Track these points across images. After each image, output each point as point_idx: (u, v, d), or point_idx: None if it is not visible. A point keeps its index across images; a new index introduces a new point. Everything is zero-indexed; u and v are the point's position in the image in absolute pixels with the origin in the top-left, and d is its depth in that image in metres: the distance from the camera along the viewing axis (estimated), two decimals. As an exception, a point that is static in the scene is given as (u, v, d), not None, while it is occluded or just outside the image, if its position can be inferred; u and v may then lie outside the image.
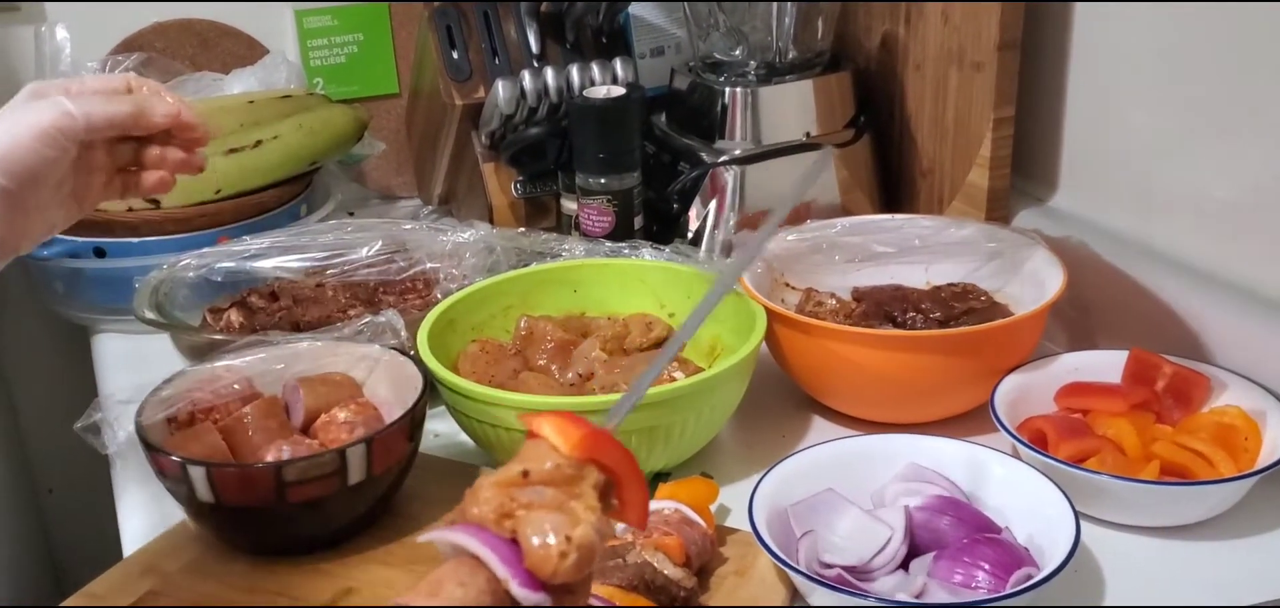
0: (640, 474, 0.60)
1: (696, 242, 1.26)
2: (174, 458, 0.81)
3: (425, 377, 0.93)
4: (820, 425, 1.06)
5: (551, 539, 0.53)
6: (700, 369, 0.98)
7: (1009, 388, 0.99)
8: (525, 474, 0.56)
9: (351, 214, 1.47)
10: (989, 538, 0.82)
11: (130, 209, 1.23)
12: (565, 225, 1.32)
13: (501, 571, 0.54)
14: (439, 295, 1.12)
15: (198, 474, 0.80)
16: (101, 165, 0.88)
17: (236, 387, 0.91)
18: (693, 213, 1.26)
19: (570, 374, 1.03)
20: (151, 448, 0.83)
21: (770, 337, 1.01)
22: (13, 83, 1.46)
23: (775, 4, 1.23)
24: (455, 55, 1.33)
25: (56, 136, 0.80)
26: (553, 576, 0.54)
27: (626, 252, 1.16)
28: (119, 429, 0.92)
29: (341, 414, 0.89)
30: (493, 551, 0.54)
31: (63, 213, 0.86)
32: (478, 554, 0.54)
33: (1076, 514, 0.81)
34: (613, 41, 1.37)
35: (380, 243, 1.20)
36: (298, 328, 1.10)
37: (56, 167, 0.81)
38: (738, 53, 1.27)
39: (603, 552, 0.57)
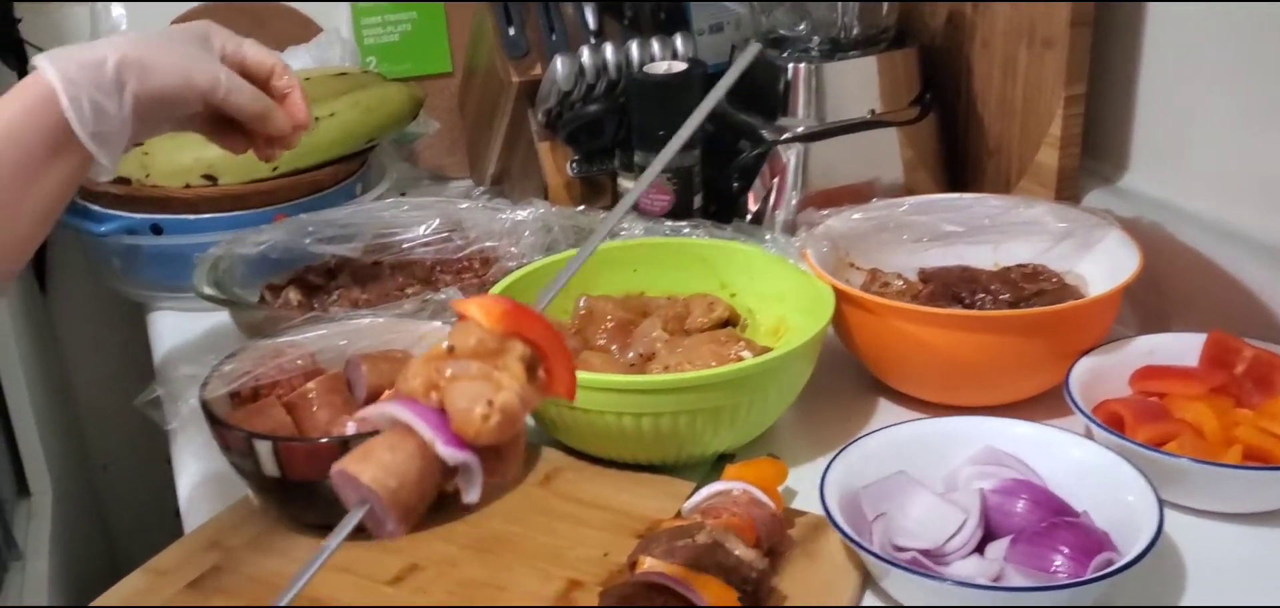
0: (565, 348, 0.62)
1: (757, 221, 1.24)
2: (240, 432, 0.81)
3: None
4: (886, 407, 1.04)
5: (475, 405, 0.57)
6: (766, 349, 0.97)
7: (1083, 370, 0.96)
8: (451, 349, 0.59)
9: (403, 193, 1.45)
10: (1067, 521, 0.80)
11: (187, 186, 1.22)
12: (622, 204, 1.30)
13: (428, 433, 0.57)
14: (497, 275, 1.11)
15: (264, 449, 0.80)
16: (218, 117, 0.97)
17: (299, 362, 0.91)
18: (753, 192, 1.24)
19: (631, 354, 1.02)
20: (217, 422, 0.83)
21: (836, 316, 0.99)
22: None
23: (841, -22, 1.21)
24: (512, 32, 1.32)
25: (195, 94, 0.90)
26: (477, 436, 0.57)
27: (687, 231, 1.15)
28: (180, 403, 0.91)
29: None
30: (420, 417, 0.58)
31: (165, 128, 0.96)
32: (406, 421, 0.58)
33: (1159, 498, 0.79)
34: (671, 18, 1.35)
35: (437, 221, 1.19)
36: (356, 306, 1.09)
37: (182, 107, 0.92)
38: (801, 28, 1.25)
39: (521, 416, 0.59)
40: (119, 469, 1.75)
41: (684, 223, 1.16)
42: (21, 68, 1.40)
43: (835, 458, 0.84)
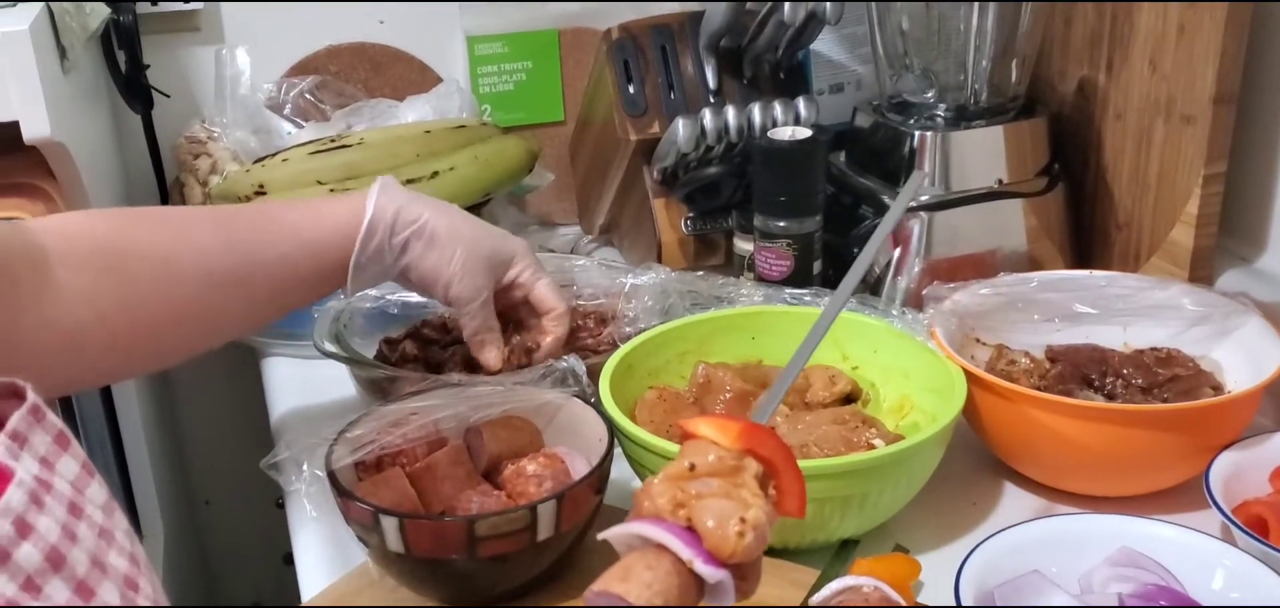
0: (795, 464, 0.64)
1: (876, 290, 1.21)
2: (366, 506, 0.80)
3: (610, 428, 0.91)
4: (1012, 492, 1.01)
5: (728, 522, 0.58)
6: (897, 434, 0.94)
7: (1223, 466, 0.93)
8: (691, 467, 0.61)
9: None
10: (1211, 635, 0.77)
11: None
12: (737, 265, 1.29)
13: (686, 552, 0.58)
14: (614, 335, 1.10)
15: (390, 525, 0.79)
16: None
17: (423, 431, 0.90)
18: (874, 260, 1.22)
19: (750, 426, 1.00)
20: (343, 492, 0.82)
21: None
22: (191, 103, 1.49)
23: (971, 46, 1.18)
24: (632, 89, 1.31)
25: (499, 273, 1.05)
26: (732, 555, 0.58)
27: (808, 299, 1.13)
28: (304, 467, 0.91)
29: (530, 466, 0.87)
30: (674, 535, 0.58)
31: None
32: (660, 541, 0.59)
33: (1315, 618, 0.75)
34: (791, 78, 1.33)
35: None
36: (470, 361, 1.09)
37: (485, 287, 1.03)
38: (929, 95, 1.23)
39: (768, 534, 0.61)
40: (220, 504, 1.76)
41: (805, 291, 1.14)
42: (148, 112, 1.42)
43: (970, 555, 0.82)
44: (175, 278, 0.88)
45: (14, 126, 1.01)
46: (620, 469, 0.93)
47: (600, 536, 0.63)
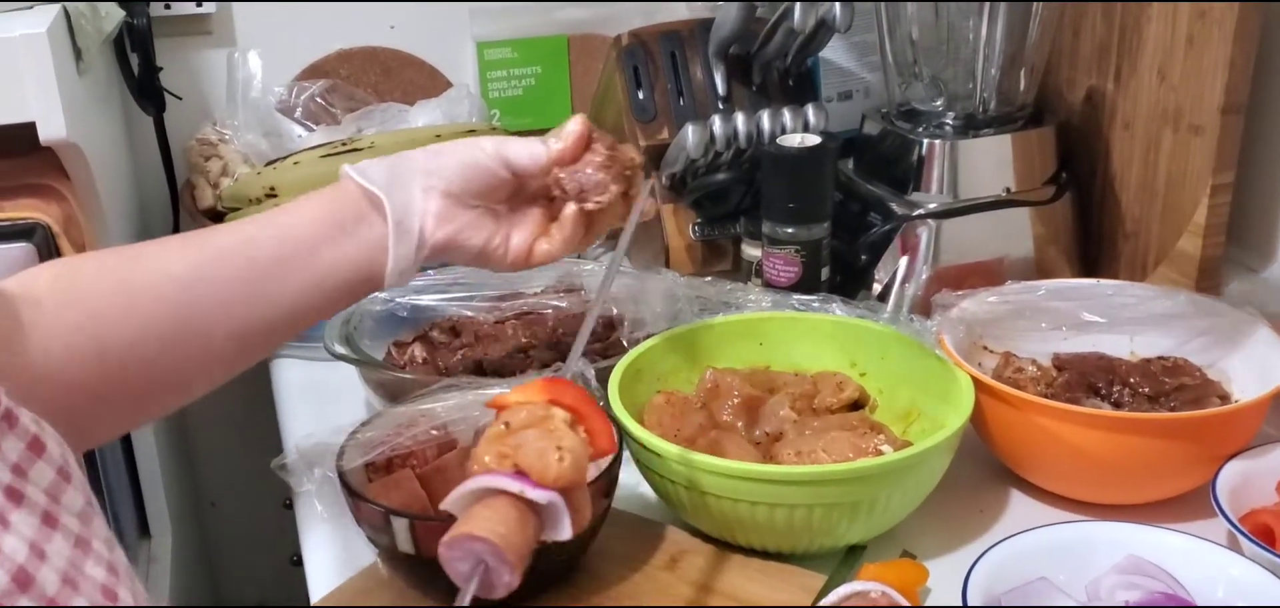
0: (598, 406, 0.75)
1: (883, 297, 1.22)
2: (377, 508, 0.81)
3: (618, 432, 0.91)
4: (1019, 500, 1.02)
5: (548, 451, 0.68)
6: (905, 441, 0.95)
7: (1230, 475, 0.93)
8: (507, 425, 0.70)
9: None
10: (1218, 643, 0.77)
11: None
12: (745, 270, 1.29)
13: (515, 485, 0.67)
14: (623, 338, 1.10)
15: (400, 526, 0.80)
16: (531, 214, 0.94)
17: (433, 433, 0.91)
18: (881, 266, 1.22)
19: (758, 432, 1.01)
20: (353, 494, 0.83)
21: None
22: (203, 105, 1.50)
23: (980, 54, 1.18)
24: (641, 96, 1.31)
25: (491, 148, 0.90)
26: (557, 479, 0.67)
27: (816, 305, 1.13)
28: (314, 468, 0.92)
29: (540, 469, 0.87)
30: (504, 478, 0.67)
31: (480, 226, 0.91)
32: (493, 486, 0.67)
33: (1318, 624, 0.76)
34: (800, 85, 1.34)
35: (557, 280, 1.19)
36: (480, 364, 1.10)
37: (486, 173, 0.90)
38: (938, 103, 1.23)
39: (585, 462, 0.71)
40: (227, 507, 1.77)
41: (812, 297, 1.14)
42: (160, 114, 1.43)
43: (977, 562, 0.82)
44: (136, 299, 0.79)
45: (30, 127, 1.02)
46: (629, 474, 0.94)
47: (442, 504, 0.70)
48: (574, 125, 0.93)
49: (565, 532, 0.69)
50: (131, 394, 0.79)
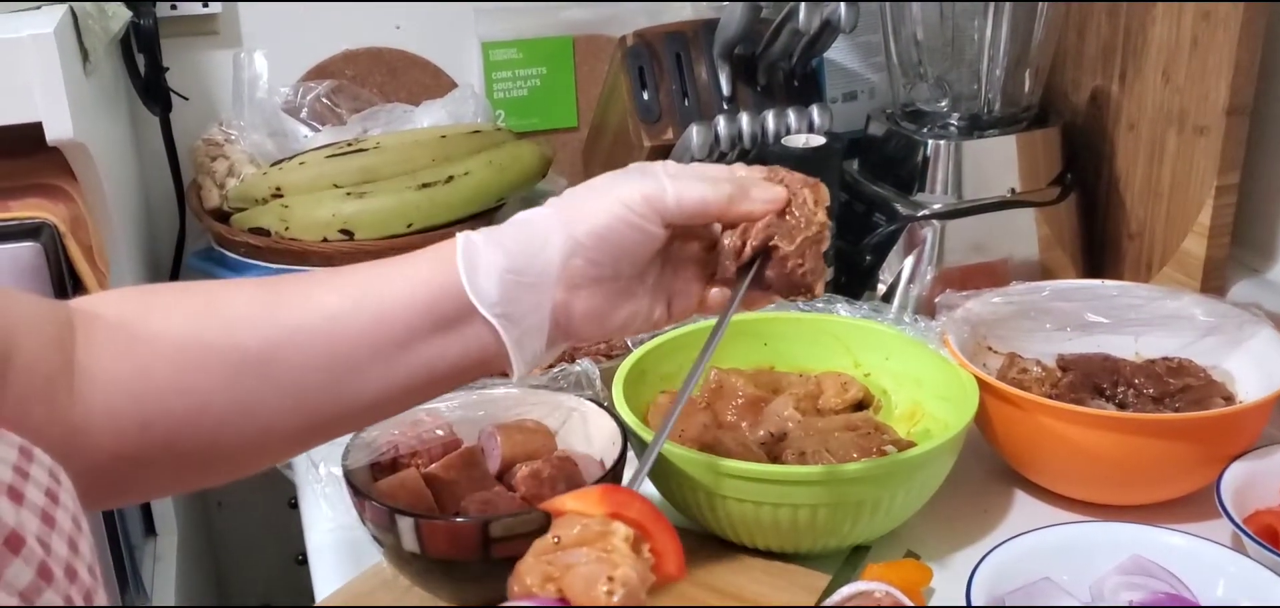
0: (665, 521, 0.63)
1: (888, 297, 1.22)
2: (382, 507, 0.81)
3: (622, 432, 0.91)
4: (1023, 500, 1.02)
5: (596, 583, 0.58)
6: (909, 442, 0.95)
7: (1234, 476, 0.93)
8: (557, 540, 0.61)
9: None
10: (1222, 643, 0.77)
11: (325, 239, 1.24)
12: (749, 272, 1.29)
13: None
14: (627, 339, 1.10)
15: (405, 525, 0.80)
16: (693, 259, 0.77)
17: (439, 432, 0.91)
18: (886, 266, 1.22)
19: (761, 432, 1.01)
20: (359, 493, 0.83)
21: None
22: (209, 105, 1.50)
23: (985, 55, 1.19)
24: (646, 96, 1.32)
25: (641, 206, 0.71)
26: None
27: (820, 306, 1.13)
28: (319, 466, 0.92)
29: (544, 469, 0.87)
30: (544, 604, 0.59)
31: (644, 305, 0.75)
32: None
33: (1323, 625, 0.76)
34: (805, 85, 1.34)
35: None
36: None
37: (640, 243, 0.72)
38: (943, 104, 1.23)
39: (640, 592, 0.60)
40: (232, 507, 1.77)
41: (817, 298, 1.14)
42: (166, 114, 1.43)
43: (982, 562, 0.82)
44: (190, 370, 0.67)
45: (37, 127, 1.02)
46: (631, 474, 0.94)
47: None
48: (769, 192, 0.75)
49: None
50: (174, 465, 0.68)
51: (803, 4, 1.19)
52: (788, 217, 0.75)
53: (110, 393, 0.64)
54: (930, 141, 1.21)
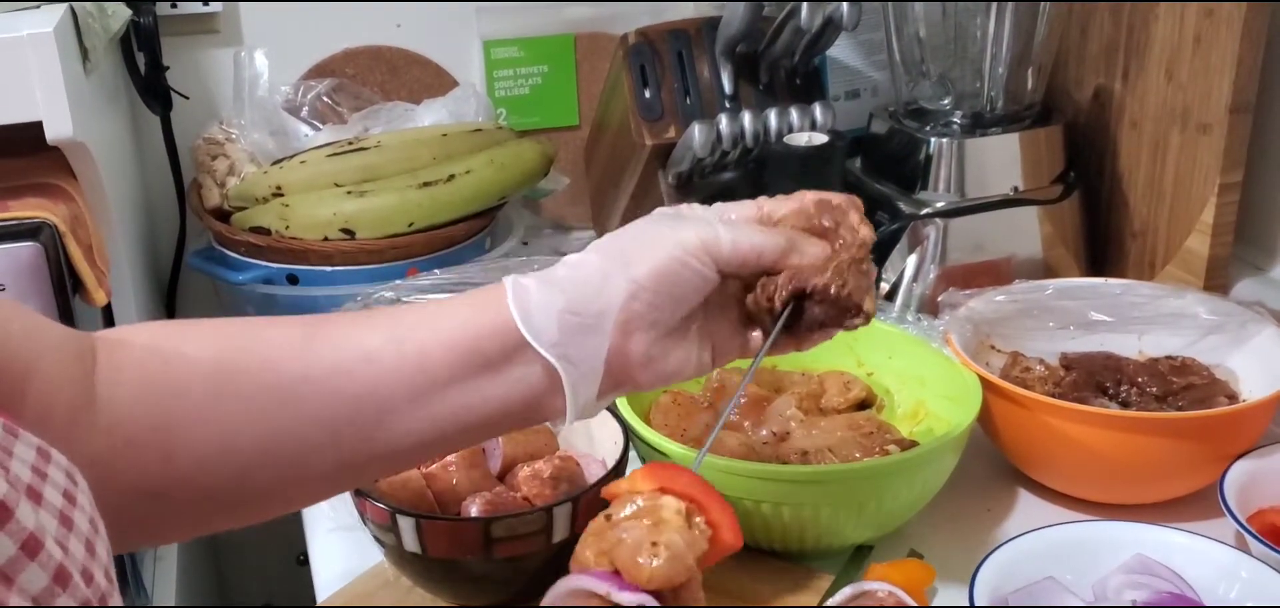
0: (717, 494, 0.65)
1: (891, 296, 1.22)
2: (383, 506, 0.81)
3: (624, 432, 0.91)
4: (1027, 499, 1.01)
5: (641, 548, 0.60)
6: (912, 441, 0.94)
7: (1238, 475, 0.93)
8: (608, 518, 0.63)
9: (525, 243, 1.46)
10: (1226, 643, 0.77)
11: (325, 238, 1.23)
12: (751, 270, 1.29)
13: (602, 586, 0.60)
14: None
15: (406, 525, 0.80)
16: (735, 301, 0.75)
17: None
18: (889, 265, 1.22)
19: (764, 432, 1.00)
20: (360, 492, 0.83)
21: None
22: (209, 104, 1.50)
23: (988, 53, 1.18)
24: (648, 94, 1.31)
25: (699, 251, 0.69)
26: (650, 579, 0.60)
27: (822, 304, 1.13)
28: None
29: (545, 469, 0.87)
30: (595, 578, 0.61)
31: (694, 351, 0.73)
32: (584, 588, 0.61)
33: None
34: (807, 83, 1.34)
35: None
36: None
37: (694, 289, 0.70)
38: (945, 101, 1.23)
39: (688, 556, 0.62)
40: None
41: (819, 296, 1.14)
42: (167, 113, 1.43)
43: (985, 561, 0.82)
44: (222, 403, 0.65)
45: (37, 126, 1.02)
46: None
47: (541, 604, 0.63)
48: (819, 248, 0.74)
49: None
50: (199, 502, 0.65)
51: (805, 2, 1.19)
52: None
53: (133, 423, 0.62)
54: (933, 140, 1.21)
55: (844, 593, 0.82)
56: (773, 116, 1.23)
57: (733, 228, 0.72)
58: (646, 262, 0.68)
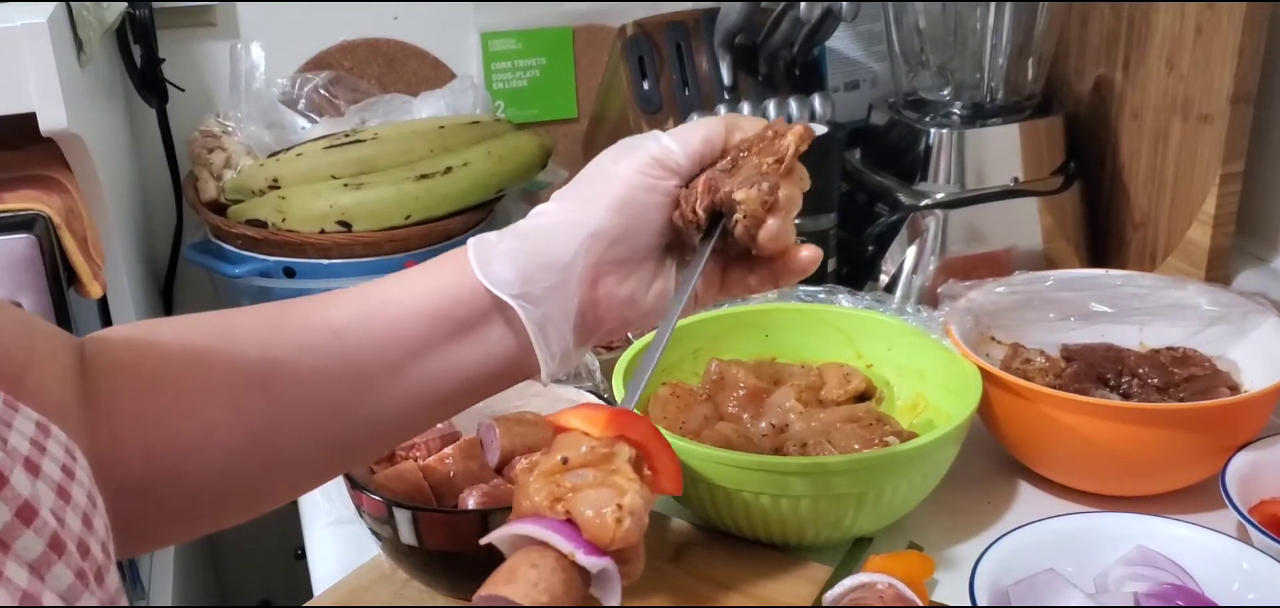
0: (666, 443, 0.64)
1: (891, 288, 1.21)
2: (380, 499, 0.80)
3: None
4: (1027, 491, 1.01)
5: (605, 510, 0.58)
6: (911, 433, 0.94)
7: (1239, 466, 0.92)
8: (564, 461, 0.61)
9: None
10: (1227, 634, 0.77)
11: (322, 231, 1.23)
12: (750, 262, 1.28)
13: (566, 545, 0.58)
14: (630, 334, 1.10)
15: (403, 518, 0.79)
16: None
17: (437, 425, 0.90)
18: (889, 256, 1.22)
19: (763, 424, 1.00)
20: (356, 486, 0.82)
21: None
22: (206, 97, 1.49)
23: (988, 44, 1.18)
24: (646, 86, 1.31)
25: (653, 168, 0.69)
26: (612, 542, 0.58)
27: (822, 297, 1.12)
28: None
29: (543, 462, 0.86)
30: (554, 531, 0.58)
31: (665, 286, 0.72)
32: (541, 538, 0.58)
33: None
34: (806, 74, 1.33)
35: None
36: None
37: (657, 208, 0.69)
38: (945, 92, 1.22)
39: (645, 516, 0.60)
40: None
41: (819, 288, 1.13)
42: (163, 106, 1.42)
43: (985, 553, 0.81)
44: (196, 395, 0.64)
45: (31, 118, 1.01)
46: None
47: (483, 540, 0.62)
48: (755, 122, 0.74)
49: (614, 597, 0.60)
50: (186, 501, 0.65)
51: (803, -7, 1.19)
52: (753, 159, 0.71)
53: (114, 417, 0.62)
54: (933, 131, 1.20)
55: (844, 585, 0.81)
56: (772, 108, 1.23)
57: (675, 134, 0.71)
58: (605, 197, 0.68)
